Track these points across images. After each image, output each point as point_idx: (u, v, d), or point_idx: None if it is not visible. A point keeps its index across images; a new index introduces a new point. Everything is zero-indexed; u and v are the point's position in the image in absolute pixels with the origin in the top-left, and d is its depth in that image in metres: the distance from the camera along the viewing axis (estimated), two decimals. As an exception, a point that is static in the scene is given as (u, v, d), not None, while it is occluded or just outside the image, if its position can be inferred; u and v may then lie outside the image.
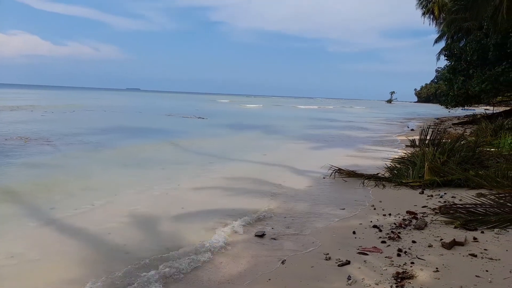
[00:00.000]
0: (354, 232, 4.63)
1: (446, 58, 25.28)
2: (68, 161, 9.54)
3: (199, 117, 28.06)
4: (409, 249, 4.02)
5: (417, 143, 11.81)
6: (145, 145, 13.02)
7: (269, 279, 3.44)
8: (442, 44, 33.67)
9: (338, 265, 3.69)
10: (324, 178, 8.03)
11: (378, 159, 10.19)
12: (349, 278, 3.39)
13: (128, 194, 6.45)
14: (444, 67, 34.28)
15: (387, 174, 7.89)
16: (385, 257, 3.85)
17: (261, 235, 4.50)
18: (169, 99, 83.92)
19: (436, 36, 36.33)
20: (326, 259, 3.84)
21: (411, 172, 7.50)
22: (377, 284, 3.26)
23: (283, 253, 4.05)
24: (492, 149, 9.70)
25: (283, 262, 3.80)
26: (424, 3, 39.36)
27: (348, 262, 3.73)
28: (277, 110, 50.89)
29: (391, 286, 3.20)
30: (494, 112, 26.74)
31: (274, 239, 4.45)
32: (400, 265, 3.62)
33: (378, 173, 7.96)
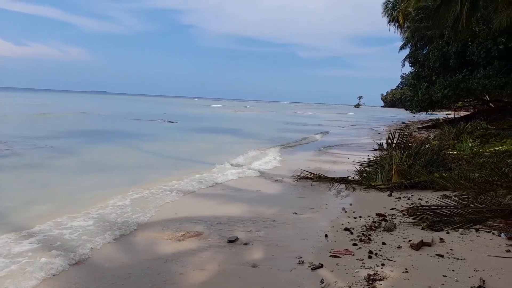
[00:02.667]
0: (326, 236, 4.67)
1: (410, 64, 26.27)
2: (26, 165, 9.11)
3: (169, 121, 27.59)
4: (380, 250, 4.10)
5: (384, 146, 12.18)
6: (107, 150, 12.63)
7: (242, 285, 3.40)
8: (406, 51, 35.08)
9: (311, 269, 3.70)
10: (295, 182, 8.08)
11: (348, 163, 10.39)
12: (322, 281, 3.41)
13: (86, 199, 6.23)
14: (408, 73, 35.63)
15: (356, 177, 8.05)
16: (357, 259, 3.90)
17: (234, 241, 4.45)
18: (137, 102, 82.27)
19: (401, 43, 37.82)
20: (299, 263, 3.85)
21: (379, 175, 7.69)
22: (350, 287, 3.29)
23: (255, 258, 4.02)
24: (455, 152, 10.13)
25: (256, 267, 3.76)
26: (389, 11, 40.82)
27: (321, 266, 3.75)
28: (249, 114, 51.03)
29: (363, 288, 3.25)
30: (456, 117, 28.03)
31: (246, 244, 4.40)
32: (371, 267, 3.68)
33: (348, 177, 8.09)
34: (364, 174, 8.15)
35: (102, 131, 19.42)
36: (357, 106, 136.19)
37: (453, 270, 3.52)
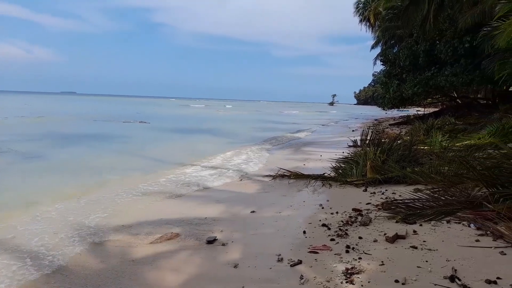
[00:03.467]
0: (304, 232, 4.72)
1: (382, 63, 26.95)
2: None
3: (141, 121, 27.06)
4: (357, 245, 4.18)
5: (359, 143, 12.43)
6: (73, 153, 12.32)
7: (222, 286, 3.38)
8: (378, 50, 35.95)
9: (291, 266, 3.73)
10: (272, 180, 8.11)
11: (324, 160, 10.53)
12: (301, 277, 3.44)
13: (58, 203, 6.04)
14: (380, 71, 36.52)
15: (332, 174, 8.18)
16: (335, 254, 3.96)
17: (212, 241, 4.42)
18: (109, 103, 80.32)
19: (372, 42, 38.71)
20: (279, 260, 3.87)
21: (354, 171, 7.84)
22: (328, 281, 3.34)
23: (235, 258, 4.01)
24: (425, 147, 10.46)
25: (235, 267, 3.76)
26: (361, 10, 41.66)
27: (300, 262, 3.78)
28: (223, 113, 50.86)
29: (341, 282, 3.30)
30: (425, 113, 28.99)
31: (225, 244, 4.39)
32: (348, 261, 3.75)
33: (324, 173, 8.21)
34: (340, 171, 8.29)
35: (68, 134, 18.74)
36: (331, 104, 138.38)
37: (426, 261, 3.64)
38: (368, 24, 41.46)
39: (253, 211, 5.75)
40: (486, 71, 16.63)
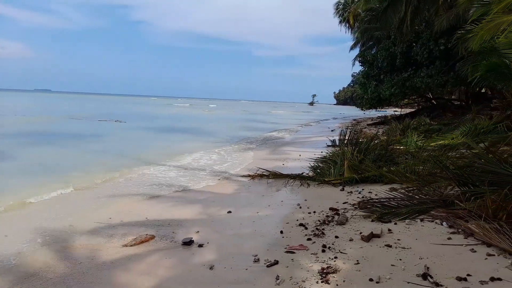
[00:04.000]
0: (281, 232, 4.71)
1: (360, 64, 27.35)
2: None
3: (117, 120, 26.52)
4: (333, 244, 4.21)
5: (337, 143, 12.57)
6: (43, 152, 12.01)
7: (197, 287, 3.33)
8: (357, 50, 36.53)
9: (267, 266, 3.71)
10: (250, 180, 8.09)
11: (303, 159, 10.60)
12: (277, 278, 3.43)
13: (23, 206, 5.85)
14: (359, 72, 37.06)
15: (311, 173, 8.23)
16: (311, 254, 3.97)
17: (188, 242, 4.35)
18: (86, 101, 78.50)
19: (351, 43, 39.31)
20: (255, 261, 3.84)
21: (332, 171, 7.91)
22: (304, 281, 3.33)
23: (211, 259, 3.96)
24: (401, 147, 10.68)
25: (211, 268, 3.71)
26: (340, 12, 42.22)
27: (276, 262, 3.77)
28: (204, 113, 50.50)
29: (317, 282, 3.31)
30: (402, 113, 29.62)
31: (202, 245, 4.33)
32: (325, 261, 3.76)
33: (303, 173, 8.24)
34: (318, 170, 8.35)
35: (40, 132, 18.15)
36: (311, 104, 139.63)
37: (400, 259, 3.69)
38: (347, 25, 42.07)
39: (230, 212, 5.70)
40: (460, 73, 17.12)
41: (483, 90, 22.29)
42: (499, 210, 4.23)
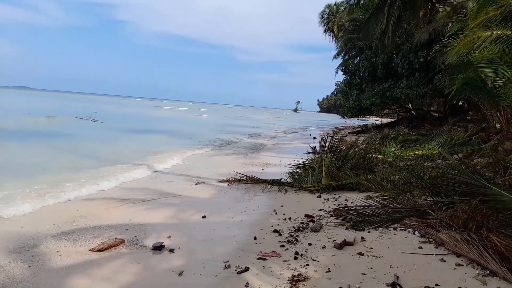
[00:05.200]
0: (255, 238, 4.65)
1: (343, 73, 27.75)
2: None
3: (93, 120, 25.95)
4: (305, 251, 4.17)
5: (318, 149, 12.63)
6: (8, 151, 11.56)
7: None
8: (340, 59, 37.04)
9: (237, 273, 3.64)
10: (228, 185, 8.01)
11: (283, 165, 10.59)
12: (247, 285, 3.36)
13: None
14: (342, 81, 37.62)
15: (289, 179, 8.21)
16: (283, 261, 3.92)
17: (159, 247, 4.23)
18: (64, 99, 76.75)
19: (335, 52, 39.90)
20: (226, 267, 3.77)
21: (310, 177, 7.91)
22: (274, 289, 3.28)
23: (181, 264, 3.86)
24: (379, 156, 10.81)
25: (180, 274, 3.61)
26: (325, 21, 42.84)
27: (247, 269, 3.70)
28: (185, 116, 50.13)
29: (287, 290, 3.26)
30: (382, 123, 30.14)
31: (173, 250, 4.22)
32: (296, 268, 3.72)
33: (281, 179, 8.23)
34: (296, 176, 8.34)
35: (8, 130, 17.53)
36: (295, 110, 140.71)
37: (371, 268, 3.68)
38: (332, 34, 42.74)
39: (205, 216, 5.60)
40: (438, 85, 17.55)
41: (460, 103, 22.90)
42: (469, 221, 4.29)
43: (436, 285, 3.26)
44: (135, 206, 6.18)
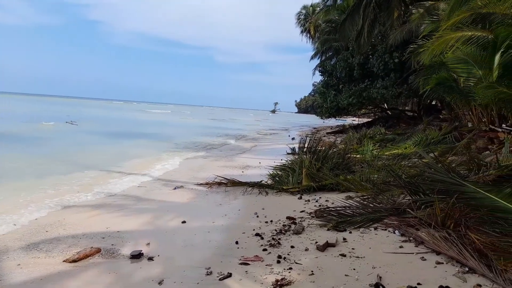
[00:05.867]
0: (237, 242, 4.57)
1: (320, 73, 28.05)
2: None
3: (67, 122, 25.17)
4: (288, 254, 4.13)
5: (297, 150, 12.67)
6: None
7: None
8: (317, 60, 37.49)
9: (220, 279, 3.56)
10: (208, 189, 7.89)
11: (263, 167, 10.55)
12: (229, 292, 3.29)
13: None
14: (319, 81, 38.02)
15: (269, 181, 8.17)
16: (266, 265, 3.87)
17: (137, 256, 4.09)
18: (33, 102, 74.24)
19: (312, 53, 40.32)
20: (208, 274, 3.67)
21: (291, 179, 7.91)
22: (257, 295, 3.22)
23: (161, 273, 3.73)
24: (358, 156, 10.94)
25: (160, 283, 3.49)
26: (302, 22, 43.22)
27: (229, 275, 3.62)
28: (163, 117, 49.45)
29: (271, 295, 3.20)
30: (359, 123, 30.64)
31: (152, 258, 4.09)
32: (279, 272, 3.66)
33: (261, 181, 8.17)
34: (277, 178, 8.32)
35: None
36: (273, 111, 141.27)
37: (354, 269, 3.68)
38: (308, 35, 43.16)
39: (185, 222, 5.48)
40: (413, 85, 17.98)
41: (433, 102, 23.55)
42: (447, 219, 4.36)
43: (418, 284, 3.28)
44: (111, 213, 5.98)
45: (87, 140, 17.45)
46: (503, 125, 10.59)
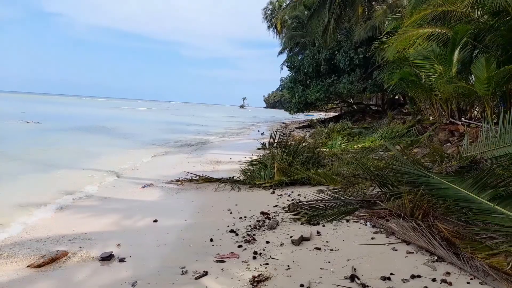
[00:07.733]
0: (211, 240, 4.51)
1: (288, 69, 28.26)
2: None
3: (28, 121, 23.90)
4: (264, 250, 4.12)
5: (267, 145, 12.72)
6: None
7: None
8: (284, 56, 37.73)
9: (195, 278, 3.49)
10: (179, 186, 7.75)
11: (234, 162, 10.49)
12: (206, 291, 3.23)
13: None
14: (287, 77, 38.30)
15: (242, 177, 8.14)
16: (242, 261, 3.84)
17: (108, 257, 3.94)
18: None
19: (280, 48, 40.53)
20: (183, 273, 3.59)
21: (263, 174, 7.91)
22: (235, 293, 3.19)
23: (134, 274, 3.61)
24: (327, 150, 11.14)
25: (133, 285, 3.37)
26: (268, 17, 43.28)
27: (205, 274, 3.56)
28: (126, 114, 48.08)
29: (248, 292, 3.18)
30: (327, 117, 31.21)
31: (124, 259, 3.95)
32: (256, 268, 3.65)
33: (233, 176, 8.12)
34: (249, 174, 8.29)
35: None
36: (242, 107, 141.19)
37: (329, 262, 3.73)
38: (275, 31, 43.30)
39: (156, 220, 5.34)
40: (377, 80, 18.51)
41: (397, 97, 24.38)
42: (416, 209, 4.51)
43: (391, 274, 3.38)
44: (78, 214, 5.73)
45: (51, 138, 16.61)
46: (462, 118, 11.13)
